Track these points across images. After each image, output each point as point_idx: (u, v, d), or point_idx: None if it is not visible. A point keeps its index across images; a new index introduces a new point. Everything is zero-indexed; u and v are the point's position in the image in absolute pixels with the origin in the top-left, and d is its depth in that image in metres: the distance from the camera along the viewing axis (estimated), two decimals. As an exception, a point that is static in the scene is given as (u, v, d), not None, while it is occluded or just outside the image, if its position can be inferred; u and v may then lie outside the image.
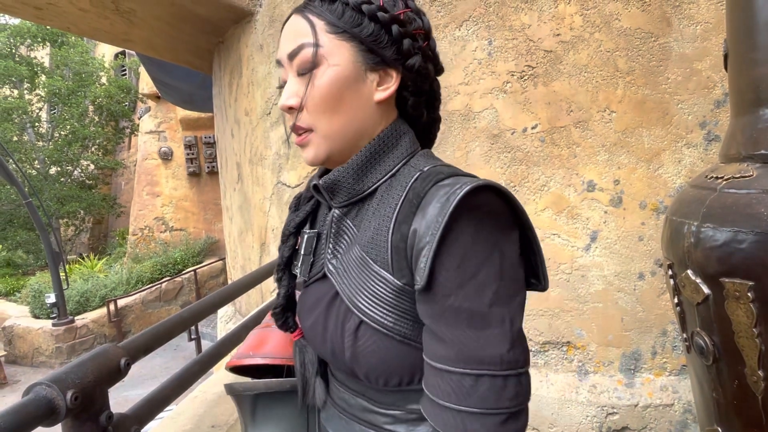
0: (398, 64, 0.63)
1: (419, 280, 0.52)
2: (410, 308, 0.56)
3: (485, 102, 1.95)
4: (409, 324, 0.57)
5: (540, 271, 0.59)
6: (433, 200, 0.53)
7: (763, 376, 0.80)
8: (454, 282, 0.51)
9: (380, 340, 0.57)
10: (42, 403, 0.77)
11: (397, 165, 0.63)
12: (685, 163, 1.77)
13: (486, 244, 0.52)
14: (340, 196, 0.64)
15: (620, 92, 1.79)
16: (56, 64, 11.82)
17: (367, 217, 0.62)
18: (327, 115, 0.61)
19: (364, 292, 0.58)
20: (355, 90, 0.61)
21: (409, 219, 0.55)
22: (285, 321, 0.73)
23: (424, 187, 0.55)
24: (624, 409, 1.81)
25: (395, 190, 0.60)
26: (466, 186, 0.51)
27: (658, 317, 1.82)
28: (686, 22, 1.73)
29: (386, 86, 0.63)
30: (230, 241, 4.05)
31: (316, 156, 0.63)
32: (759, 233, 0.77)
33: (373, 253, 0.58)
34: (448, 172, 0.57)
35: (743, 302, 0.80)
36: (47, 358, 7.93)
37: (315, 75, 0.60)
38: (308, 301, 0.69)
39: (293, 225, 0.71)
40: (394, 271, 0.56)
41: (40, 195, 9.98)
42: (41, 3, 2.56)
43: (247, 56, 2.92)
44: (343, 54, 0.60)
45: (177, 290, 9.45)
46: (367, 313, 0.57)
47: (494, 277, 0.51)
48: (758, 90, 0.88)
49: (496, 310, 0.51)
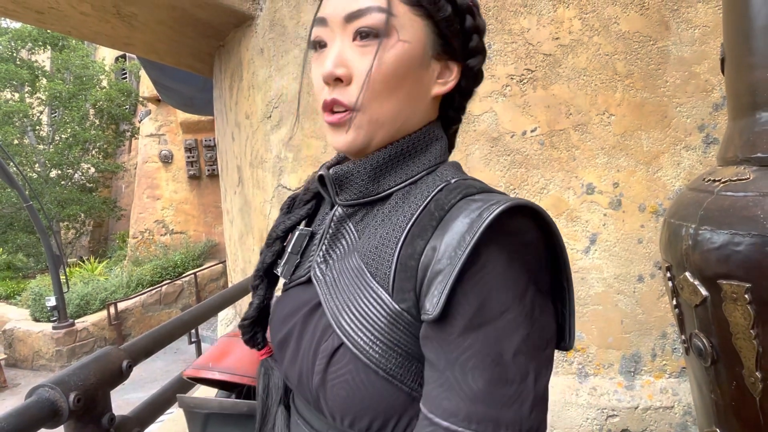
0: (461, 59, 0.56)
1: (430, 309, 0.43)
2: (404, 340, 0.46)
3: (485, 105, 1.96)
4: (398, 359, 0.46)
5: (567, 325, 0.49)
6: (461, 215, 0.45)
7: (761, 378, 0.81)
8: (476, 320, 0.42)
9: (358, 370, 0.47)
10: (45, 405, 0.78)
11: (421, 172, 0.55)
12: (684, 166, 1.78)
13: (519, 279, 0.43)
14: (349, 192, 0.56)
15: (619, 95, 1.80)
16: (57, 67, 11.86)
17: (373, 223, 0.54)
18: (383, 97, 0.51)
19: (352, 309, 0.49)
20: (418, 77, 0.53)
21: (426, 233, 0.46)
22: (253, 336, 0.63)
23: (450, 199, 0.47)
24: (624, 412, 1.81)
25: (414, 198, 0.52)
26: (502, 204, 0.43)
27: (658, 319, 1.82)
28: (684, 25, 1.74)
29: (445, 80, 0.56)
30: (231, 244, 4.06)
31: (355, 141, 0.53)
32: (756, 236, 0.78)
33: (373, 266, 0.49)
34: (481, 187, 0.49)
35: (740, 304, 0.80)
36: (47, 362, 7.93)
37: (383, 47, 0.50)
38: (285, 308, 0.60)
39: (282, 228, 0.63)
40: (394, 291, 0.47)
41: (41, 198, 9.99)
42: (42, 7, 2.58)
43: (248, 60, 2.93)
44: (416, 31, 0.52)
45: (177, 293, 9.45)
46: (350, 335, 0.48)
47: (524, 321, 0.42)
48: (755, 94, 0.89)
49: (521, 361, 0.42)
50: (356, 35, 0.50)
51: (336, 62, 0.51)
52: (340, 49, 0.51)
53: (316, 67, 0.54)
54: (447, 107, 0.60)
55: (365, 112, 0.52)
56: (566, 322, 0.49)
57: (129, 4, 2.56)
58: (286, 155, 2.69)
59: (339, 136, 0.53)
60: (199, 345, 6.37)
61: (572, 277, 0.49)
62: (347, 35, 0.51)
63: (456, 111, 0.61)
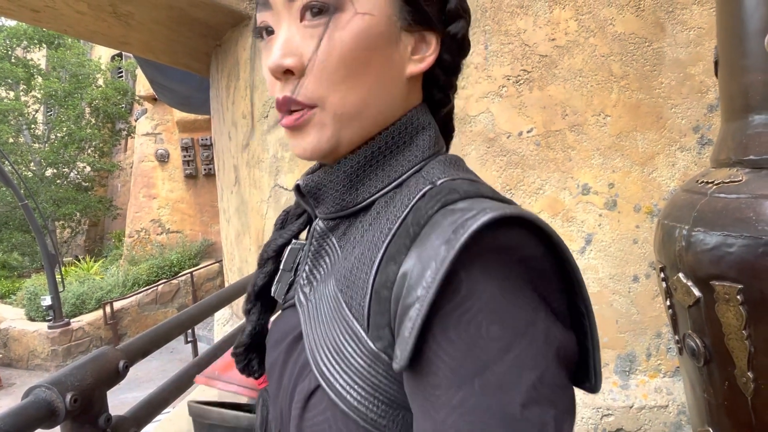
0: (440, 28, 0.46)
1: (398, 355, 0.33)
2: (385, 385, 0.37)
3: (481, 106, 1.96)
4: (381, 407, 0.37)
5: (591, 360, 0.37)
6: (433, 233, 0.35)
7: (753, 377, 0.82)
8: (466, 368, 0.32)
9: (336, 419, 0.38)
10: (42, 405, 0.78)
11: (407, 171, 0.45)
12: (679, 167, 1.79)
13: (520, 306, 0.33)
14: (325, 205, 0.47)
15: (615, 96, 1.81)
16: (53, 65, 11.81)
17: (355, 239, 0.45)
18: (344, 86, 0.42)
19: (329, 344, 0.40)
20: (387, 56, 0.43)
21: (399, 255, 0.37)
22: (248, 364, 0.56)
23: (428, 209, 0.37)
24: (619, 411, 1.82)
25: (395, 208, 0.42)
26: (483, 215, 0.33)
27: (653, 319, 1.83)
28: (679, 27, 1.75)
29: (422, 56, 0.46)
30: (227, 243, 4.06)
31: (319, 145, 0.43)
32: (748, 237, 0.79)
33: (348, 295, 0.41)
34: (467, 190, 0.38)
35: (733, 305, 0.81)
36: (42, 361, 7.90)
37: (334, 24, 0.41)
38: (275, 333, 0.52)
39: (273, 247, 0.55)
40: (370, 327, 0.38)
41: (36, 197, 9.95)
42: (38, 5, 2.57)
43: (245, 59, 2.93)
44: (377, 0, 0.42)
45: (173, 293, 9.43)
46: (327, 376, 0.39)
47: (533, 359, 0.32)
48: (748, 96, 0.90)
49: (534, 413, 0.30)
50: (304, 14, 0.41)
51: (283, 51, 0.41)
52: (287, 35, 0.42)
53: (265, 58, 0.44)
54: (431, 88, 0.49)
55: (326, 107, 0.42)
56: (590, 357, 0.37)
57: (125, 3, 2.55)
58: (282, 155, 2.69)
59: (299, 141, 0.44)
60: (195, 345, 6.36)
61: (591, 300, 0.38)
62: (293, 16, 0.42)
63: (442, 90, 0.50)
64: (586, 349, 0.37)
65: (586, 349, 0.37)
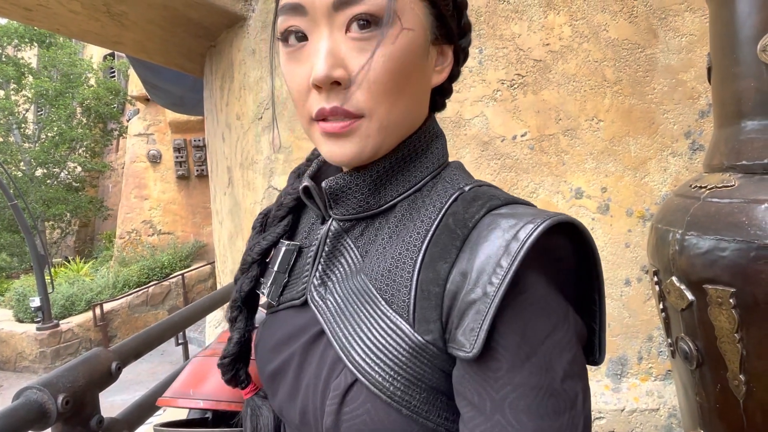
0: (455, 41, 0.50)
1: (468, 346, 0.38)
2: (427, 374, 0.41)
3: (476, 109, 1.97)
4: (422, 394, 0.41)
5: (597, 339, 0.45)
6: (491, 235, 0.39)
7: (744, 381, 0.83)
8: (523, 351, 0.38)
9: (377, 410, 0.41)
10: (33, 407, 0.78)
11: (425, 177, 0.48)
12: (671, 172, 1.81)
13: (558, 300, 0.40)
14: (345, 207, 0.49)
15: (608, 101, 1.83)
16: (44, 64, 11.70)
17: (379, 240, 0.47)
18: (392, 98, 0.43)
19: (365, 340, 0.43)
20: (422, 69, 0.46)
21: (449, 255, 0.41)
22: (235, 374, 0.56)
23: (472, 213, 0.42)
24: (610, 414, 1.83)
25: (425, 210, 0.46)
26: (540, 222, 0.38)
27: (644, 323, 1.85)
28: (672, 34, 1.77)
29: (442, 67, 0.49)
30: (220, 245, 4.04)
31: (362, 153, 0.45)
32: (740, 241, 0.80)
33: (388, 292, 0.43)
34: (504, 198, 0.44)
35: (725, 308, 0.82)
36: (31, 363, 7.80)
37: (384, 39, 0.41)
38: (275, 334, 0.53)
39: (258, 250, 0.55)
40: (416, 321, 0.41)
41: (26, 197, 9.85)
42: (31, 4, 2.55)
43: (239, 61, 2.92)
44: (417, 16, 0.44)
45: (164, 294, 9.36)
46: (366, 371, 0.42)
47: (569, 342, 0.39)
48: (740, 103, 0.91)
49: (570, 385, 0.38)
50: (350, 25, 0.41)
51: (331, 62, 0.41)
52: (330, 45, 0.42)
53: (295, 65, 0.45)
54: (434, 95, 0.52)
55: (373, 118, 0.43)
56: (596, 336, 0.45)
57: (119, 2, 2.54)
58: (276, 156, 2.68)
59: (340, 147, 0.44)
60: (186, 347, 6.31)
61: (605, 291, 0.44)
62: (337, 26, 0.42)
63: (444, 97, 0.55)
64: (592, 329, 0.45)
65: (592, 330, 0.45)
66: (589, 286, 0.44)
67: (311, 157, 0.61)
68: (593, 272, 0.43)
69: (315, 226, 0.55)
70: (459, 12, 0.49)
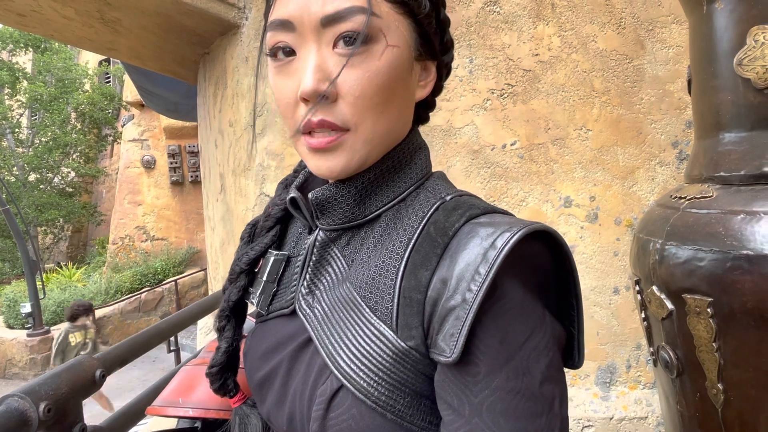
0: (437, 56, 0.52)
1: (448, 351, 0.39)
2: (411, 379, 0.43)
3: (466, 118, 1.99)
4: (406, 399, 0.42)
5: (576, 343, 0.47)
6: (470, 243, 0.41)
7: (722, 389, 0.84)
8: (501, 356, 0.39)
9: (362, 415, 0.42)
10: (14, 415, 0.77)
11: (409, 188, 0.50)
12: (658, 181, 1.83)
13: (535, 306, 0.41)
14: (332, 217, 0.50)
15: (596, 111, 1.85)
16: (38, 69, 11.68)
17: (364, 249, 0.49)
18: (377, 112, 0.45)
19: (350, 346, 0.44)
20: (407, 83, 0.48)
21: (430, 262, 0.42)
22: (223, 383, 0.57)
23: (452, 222, 0.43)
24: (599, 422, 1.83)
25: (408, 220, 0.47)
26: (516, 230, 0.40)
27: (633, 331, 1.86)
28: (659, 45, 1.80)
29: (425, 82, 0.51)
30: (212, 251, 4.03)
31: (348, 166, 0.46)
32: (717, 252, 0.81)
33: (372, 300, 0.45)
34: (483, 207, 0.45)
35: (703, 318, 0.83)
36: (21, 370, 7.72)
37: (371, 54, 0.43)
38: (264, 342, 0.54)
39: (246, 260, 0.57)
40: (399, 328, 0.43)
41: (18, 202, 9.79)
42: (25, 10, 2.55)
43: (233, 68, 2.93)
44: (401, 33, 0.46)
45: (157, 301, 9.30)
46: (351, 377, 0.43)
47: (546, 346, 0.40)
48: (718, 115, 0.93)
49: (547, 389, 0.39)
50: (337, 41, 0.43)
51: (318, 76, 0.43)
52: (317, 60, 0.43)
53: (283, 79, 0.46)
54: (418, 108, 0.54)
55: (359, 132, 0.45)
56: (574, 341, 0.46)
57: (113, 9, 2.55)
58: (269, 163, 2.69)
59: (327, 161, 0.46)
60: (178, 353, 6.25)
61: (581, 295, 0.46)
62: (325, 42, 0.43)
63: (427, 110, 0.57)
64: (571, 334, 0.46)
65: (570, 334, 0.46)
66: (567, 292, 0.46)
67: (298, 168, 0.62)
68: (570, 278, 0.45)
69: (302, 236, 0.56)
70: (442, 29, 0.51)
